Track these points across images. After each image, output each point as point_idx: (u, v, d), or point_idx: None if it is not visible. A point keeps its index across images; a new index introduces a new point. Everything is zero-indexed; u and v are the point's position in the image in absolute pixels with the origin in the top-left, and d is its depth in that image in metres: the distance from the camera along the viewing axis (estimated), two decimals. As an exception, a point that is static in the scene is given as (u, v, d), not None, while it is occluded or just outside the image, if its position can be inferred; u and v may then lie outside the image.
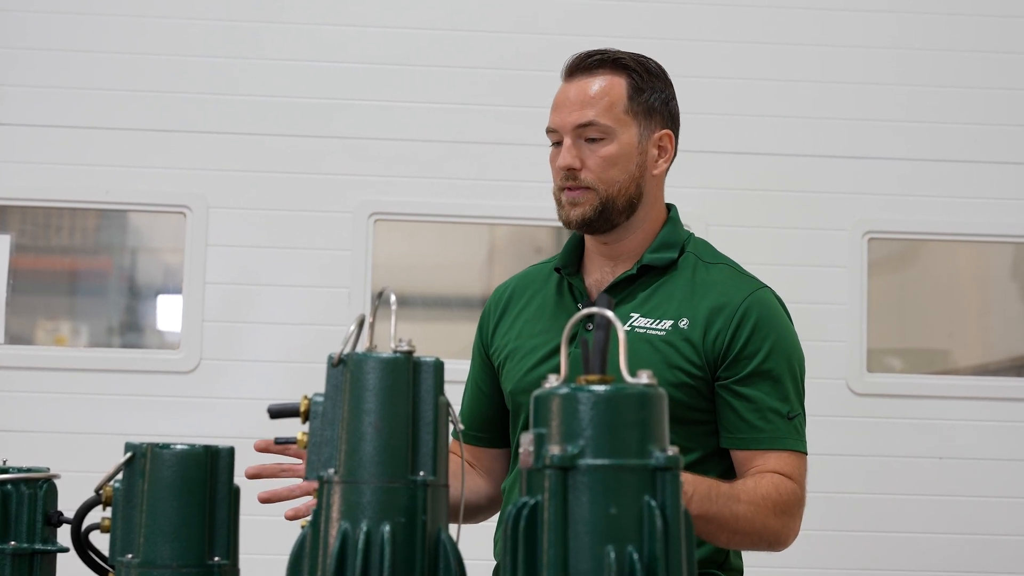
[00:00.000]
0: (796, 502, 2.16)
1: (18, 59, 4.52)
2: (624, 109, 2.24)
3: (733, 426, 2.19)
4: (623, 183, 2.22)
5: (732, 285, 2.24)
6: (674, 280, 2.25)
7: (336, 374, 1.42)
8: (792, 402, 2.20)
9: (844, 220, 4.56)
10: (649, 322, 2.21)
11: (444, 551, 1.38)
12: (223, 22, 4.58)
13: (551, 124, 2.26)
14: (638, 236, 2.27)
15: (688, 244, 2.30)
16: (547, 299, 2.33)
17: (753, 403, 2.17)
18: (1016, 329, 4.76)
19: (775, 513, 2.12)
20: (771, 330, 2.20)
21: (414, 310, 4.68)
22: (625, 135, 2.23)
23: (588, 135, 2.22)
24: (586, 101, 2.23)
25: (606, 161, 2.21)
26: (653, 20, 4.55)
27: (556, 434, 1.24)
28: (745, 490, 2.11)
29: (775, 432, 2.18)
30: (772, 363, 2.19)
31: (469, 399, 2.43)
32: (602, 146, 2.22)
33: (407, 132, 4.56)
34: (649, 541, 1.21)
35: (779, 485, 2.14)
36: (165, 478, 1.50)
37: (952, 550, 4.47)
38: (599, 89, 2.23)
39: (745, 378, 2.18)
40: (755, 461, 2.18)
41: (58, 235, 4.79)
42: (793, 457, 2.18)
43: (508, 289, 2.41)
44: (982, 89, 4.64)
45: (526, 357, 2.28)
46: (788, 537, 2.17)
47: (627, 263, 2.27)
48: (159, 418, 4.38)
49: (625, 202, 2.23)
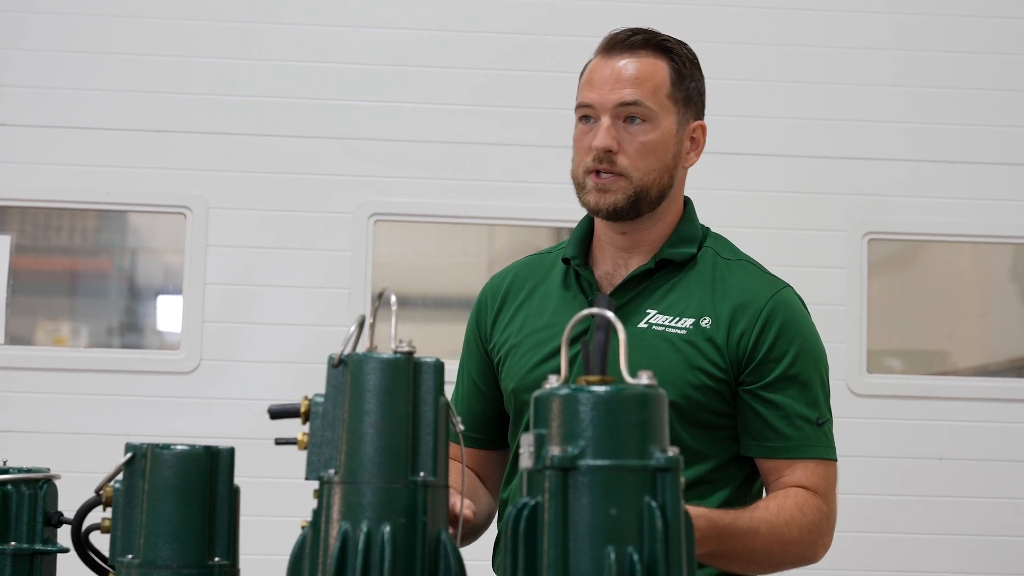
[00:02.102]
0: (823, 519, 2.06)
1: (18, 60, 4.52)
2: (667, 94, 2.11)
3: (759, 433, 2.08)
4: (659, 172, 2.09)
5: (755, 284, 2.13)
6: (693, 276, 2.13)
7: (336, 375, 1.42)
8: (821, 408, 2.11)
9: (844, 221, 4.56)
10: (668, 320, 2.09)
11: (444, 552, 1.38)
12: (223, 23, 4.58)
13: (585, 99, 2.11)
14: (658, 228, 2.15)
15: (707, 239, 2.19)
16: (550, 291, 2.20)
17: (781, 409, 2.07)
18: (1016, 330, 4.76)
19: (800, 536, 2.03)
20: (797, 333, 2.10)
21: (414, 311, 4.68)
22: (666, 121, 2.10)
23: (629, 114, 2.08)
24: (630, 80, 2.09)
25: (646, 147, 2.08)
26: (653, 22, 4.54)
27: (556, 435, 1.24)
28: (766, 520, 2.00)
29: (804, 440, 2.08)
30: (800, 367, 2.09)
31: (464, 396, 2.28)
32: (643, 131, 2.08)
33: (407, 133, 4.56)
34: (649, 542, 1.21)
35: (804, 505, 2.04)
36: (165, 478, 1.50)
37: (953, 551, 4.47)
38: (644, 70, 2.11)
39: (772, 383, 2.07)
40: (783, 470, 2.08)
41: (58, 236, 4.79)
42: (822, 466, 2.08)
43: (507, 279, 2.26)
44: (982, 90, 4.64)
45: (529, 353, 2.15)
46: (817, 554, 2.09)
47: (643, 256, 2.15)
48: (159, 419, 4.38)
49: (657, 193, 2.10)
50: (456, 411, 2.30)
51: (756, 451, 2.09)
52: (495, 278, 2.30)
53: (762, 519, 2.00)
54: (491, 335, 2.24)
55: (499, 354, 2.22)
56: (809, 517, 2.04)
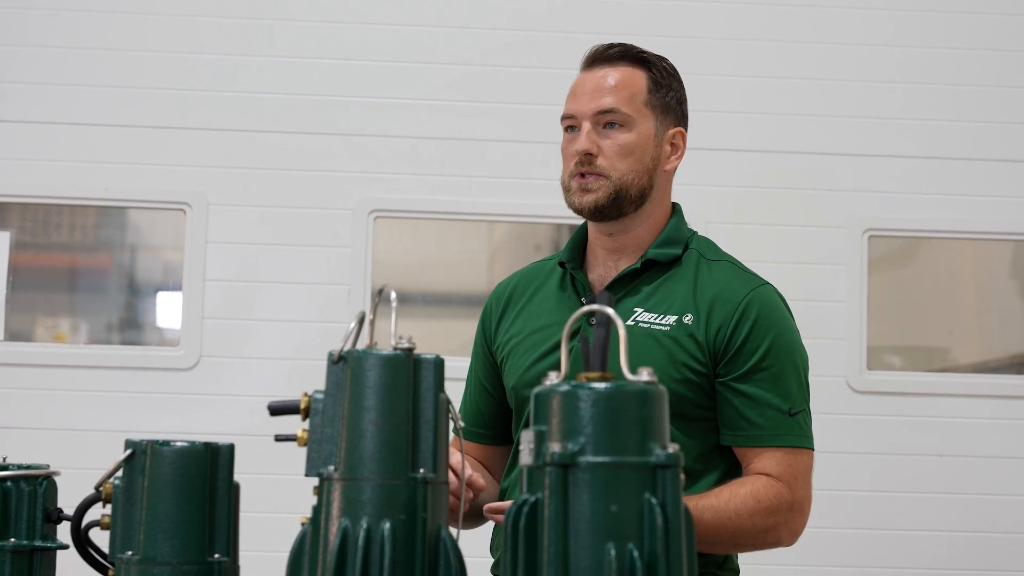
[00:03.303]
0: (780, 504, 2.14)
1: (19, 56, 4.52)
2: (643, 101, 2.25)
3: (733, 423, 2.18)
4: (637, 173, 2.23)
5: (734, 282, 2.24)
6: (677, 276, 2.25)
7: (336, 371, 1.41)
8: (794, 399, 2.19)
9: (844, 217, 4.56)
10: (653, 317, 2.21)
11: (444, 548, 1.38)
12: (223, 20, 4.58)
13: (568, 111, 2.27)
14: (643, 230, 2.28)
15: (692, 241, 2.30)
16: (549, 294, 2.33)
17: (752, 400, 2.17)
18: (1015, 327, 4.76)
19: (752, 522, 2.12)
20: (771, 327, 2.20)
21: (414, 307, 4.68)
22: (643, 126, 2.24)
23: (607, 121, 2.23)
24: (607, 89, 2.24)
25: (623, 149, 2.23)
26: (654, 17, 4.55)
27: (556, 431, 1.24)
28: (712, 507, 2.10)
29: (773, 429, 2.17)
30: (772, 359, 2.18)
31: (472, 396, 2.43)
32: (620, 134, 2.23)
33: (407, 129, 4.56)
34: (650, 539, 1.21)
35: (759, 491, 2.13)
36: (165, 475, 1.49)
37: (952, 547, 4.47)
38: (620, 79, 2.25)
39: (745, 375, 2.18)
40: (752, 458, 2.18)
41: (58, 232, 4.79)
42: (790, 455, 2.18)
43: (510, 286, 2.41)
44: (981, 87, 4.64)
45: (528, 352, 2.28)
46: (779, 538, 2.17)
47: (631, 258, 2.28)
48: (159, 415, 4.38)
49: (637, 192, 2.23)
50: (465, 410, 2.40)
51: (731, 440, 2.20)
52: (499, 285, 2.44)
53: (708, 505, 2.10)
54: (495, 338, 2.38)
55: (502, 354, 2.35)
56: (764, 504, 2.13)
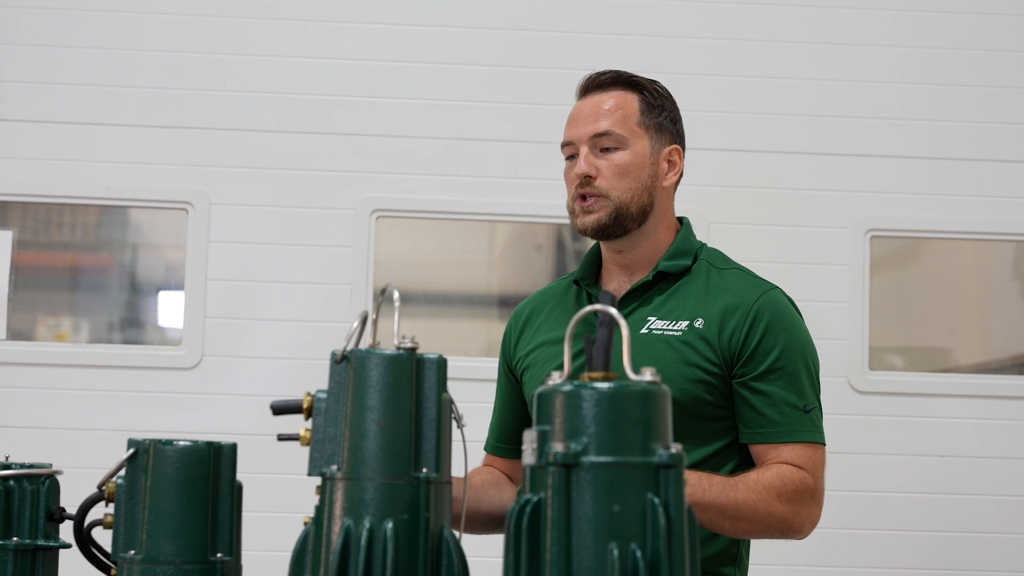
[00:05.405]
0: (805, 490, 2.22)
1: (19, 54, 4.52)
2: (637, 122, 2.35)
3: (751, 421, 2.27)
4: (636, 191, 2.33)
5: (744, 287, 2.34)
6: (688, 285, 2.36)
7: (339, 370, 1.42)
8: (807, 396, 2.29)
9: (846, 218, 4.56)
10: (666, 324, 2.31)
11: (447, 548, 1.38)
12: (225, 18, 4.58)
13: (567, 138, 2.37)
14: (650, 245, 2.38)
15: (701, 252, 2.41)
16: (565, 310, 2.44)
17: (769, 398, 2.26)
18: (1017, 327, 4.76)
19: (780, 500, 2.18)
20: (784, 328, 2.30)
21: (415, 307, 4.68)
22: (638, 145, 2.34)
23: (603, 144, 2.33)
24: (601, 114, 2.34)
25: (620, 169, 2.32)
26: (652, 17, 4.56)
27: (559, 431, 1.24)
28: (745, 480, 2.18)
29: (791, 425, 2.26)
30: (786, 359, 2.28)
31: (498, 414, 2.55)
32: (616, 155, 2.33)
33: (409, 129, 4.56)
34: (652, 539, 1.21)
35: (784, 474, 2.21)
36: (168, 474, 1.49)
37: (953, 547, 4.47)
38: (613, 103, 2.36)
39: (761, 375, 2.27)
40: (771, 453, 2.26)
41: (59, 231, 4.79)
42: (808, 449, 2.27)
43: (528, 307, 2.52)
44: (983, 87, 4.64)
45: (546, 364, 2.38)
46: (802, 524, 2.23)
47: (643, 271, 2.38)
48: (161, 414, 4.39)
49: (638, 210, 2.33)
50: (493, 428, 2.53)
51: (750, 438, 2.29)
52: (518, 307, 2.56)
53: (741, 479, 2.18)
54: (514, 354, 2.49)
55: (521, 368, 2.47)
56: (790, 485, 2.20)
